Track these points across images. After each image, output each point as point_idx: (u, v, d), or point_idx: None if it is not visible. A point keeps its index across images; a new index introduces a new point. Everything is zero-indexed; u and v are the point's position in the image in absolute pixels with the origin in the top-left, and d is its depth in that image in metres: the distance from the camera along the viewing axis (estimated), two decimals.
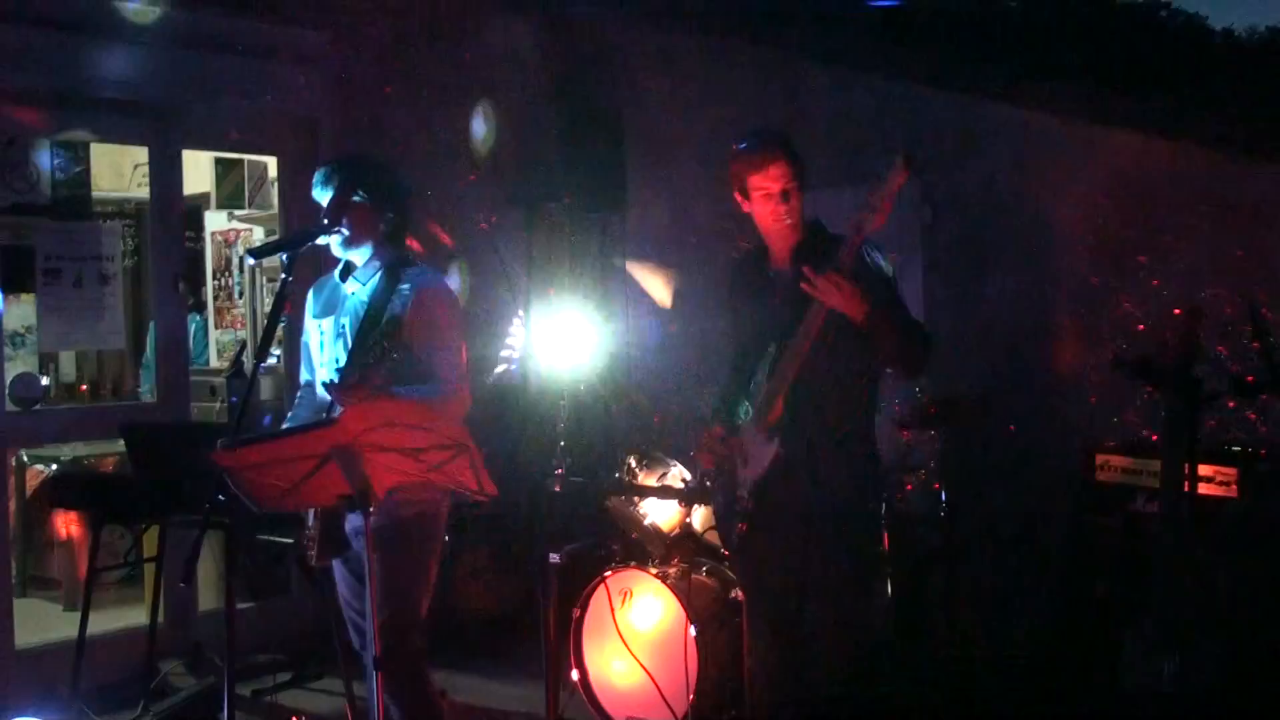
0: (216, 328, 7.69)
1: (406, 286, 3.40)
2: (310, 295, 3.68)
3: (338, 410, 3.23)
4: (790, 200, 3.37)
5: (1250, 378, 3.79)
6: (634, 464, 4.76)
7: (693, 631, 4.33)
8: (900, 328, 3.30)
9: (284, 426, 3.64)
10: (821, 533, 3.37)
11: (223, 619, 4.15)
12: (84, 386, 6.81)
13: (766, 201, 3.38)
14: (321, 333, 3.57)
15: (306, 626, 5.52)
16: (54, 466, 6.22)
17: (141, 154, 5.85)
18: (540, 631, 3.73)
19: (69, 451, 6.22)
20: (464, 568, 5.69)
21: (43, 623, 5.82)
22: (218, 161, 7.35)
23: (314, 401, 3.60)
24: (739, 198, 3.46)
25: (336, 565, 3.56)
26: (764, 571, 3.52)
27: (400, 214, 3.55)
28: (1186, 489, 3.65)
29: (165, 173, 5.53)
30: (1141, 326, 4.75)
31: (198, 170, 7.09)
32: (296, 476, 2.87)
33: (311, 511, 3.32)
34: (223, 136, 5.93)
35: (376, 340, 3.11)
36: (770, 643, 3.55)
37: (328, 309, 3.58)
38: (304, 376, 3.71)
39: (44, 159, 5.35)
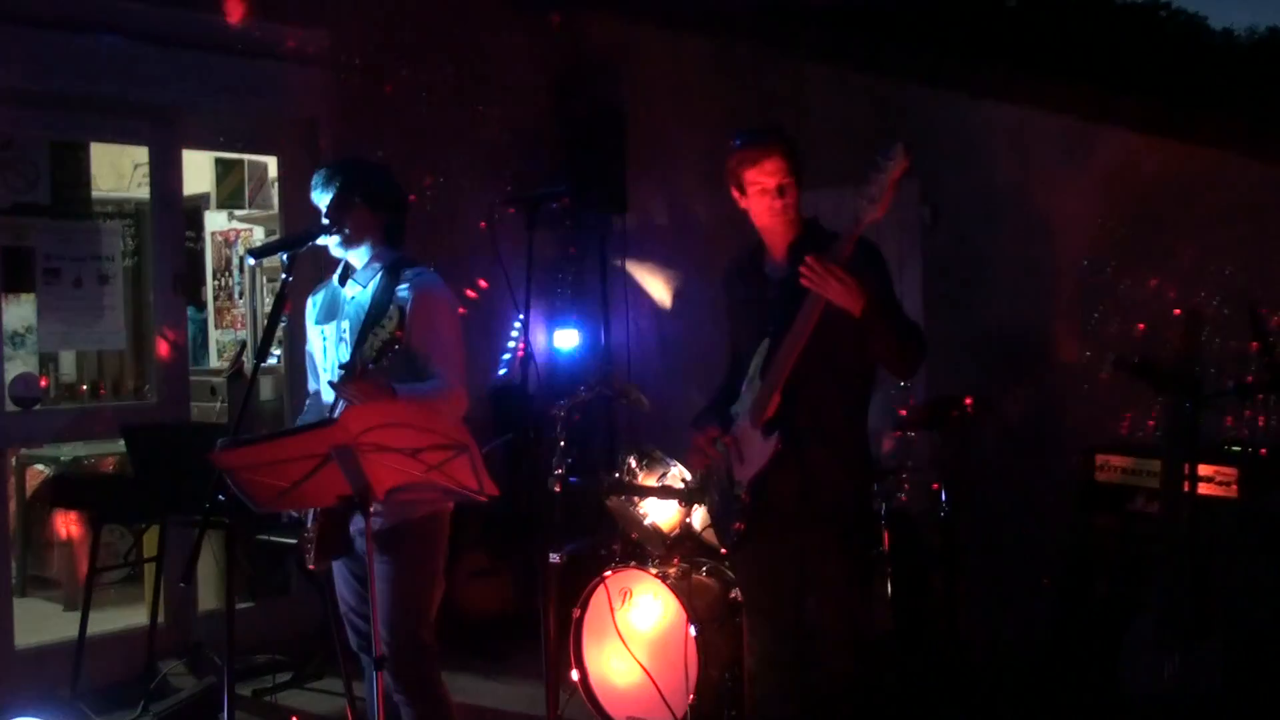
0: (216, 328, 7.69)
1: (405, 286, 3.42)
2: (309, 303, 3.69)
3: (340, 409, 3.24)
4: (786, 195, 3.34)
5: (1250, 378, 3.79)
6: (634, 464, 4.76)
7: (693, 631, 4.33)
8: (896, 326, 3.28)
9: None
10: (819, 529, 3.36)
11: (223, 619, 4.15)
12: (84, 387, 6.81)
13: (762, 197, 3.35)
14: (324, 338, 3.58)
15: (306, 626, 5.52)
16: (54, 466, 6.23)
17: (141, 154, 5.85)
18: (540, 631, 3.72)
19: (69, 451, 6.22)
20: (464, 568, 5.69)
21: (43, 623, 5.82)
22: (218, 161, 7.35)
23: (320, 408, 3.61)
24: (735, 193, 3.43)
25: (337, 566, 3.56)
26: (763, 569, 3.51)
27: (398, 216, 3.58)
28: (1186, 489, 3.65)
29: (165, 173, 5.53)
30: (1142, 327, 4.76)
31: (198, 170, 7.10)
32: (296, 476, 2.87)
33: (310, 513, 3.32)
34: (223, 136, 5.94)
35: (375, 337, 3.11)
36: (770, 641, 3.54)
37: (329, 314, 3.59)
38: (311, 385, 3.73)
39: (44, 159, 5.34)
